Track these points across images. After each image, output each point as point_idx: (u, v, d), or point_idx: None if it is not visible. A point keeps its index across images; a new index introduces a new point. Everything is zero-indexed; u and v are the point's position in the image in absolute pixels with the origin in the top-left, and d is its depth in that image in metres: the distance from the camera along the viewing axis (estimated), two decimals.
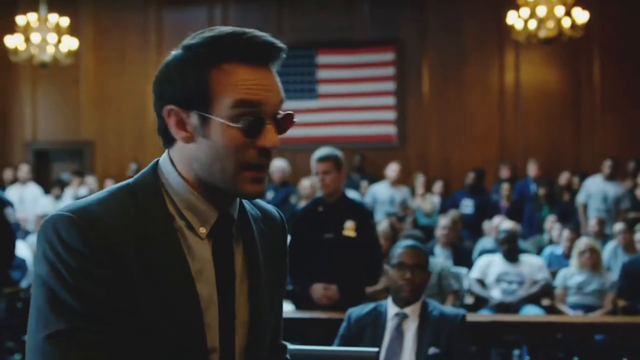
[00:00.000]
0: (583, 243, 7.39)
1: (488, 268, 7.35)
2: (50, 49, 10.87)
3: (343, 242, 5.19)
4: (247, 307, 1.69)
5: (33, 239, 8.50)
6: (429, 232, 8.99)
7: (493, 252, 7.82)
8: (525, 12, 9.93)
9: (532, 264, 7.35)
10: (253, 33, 1.58)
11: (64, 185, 11.99)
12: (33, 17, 10.86)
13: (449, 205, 10.79)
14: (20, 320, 6.85)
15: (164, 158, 1.67)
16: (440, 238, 8.10)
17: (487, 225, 9.53)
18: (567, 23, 9.78)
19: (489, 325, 5.29)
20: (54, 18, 10.93)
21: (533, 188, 11.12)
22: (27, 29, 10.80)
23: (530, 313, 6.87)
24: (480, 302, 7.29)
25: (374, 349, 2.82)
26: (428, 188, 11.70)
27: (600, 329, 5.71)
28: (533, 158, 11.58)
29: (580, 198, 10.23)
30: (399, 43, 12.72)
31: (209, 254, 1.63)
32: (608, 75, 11.93)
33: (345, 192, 5.71)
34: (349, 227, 5.19)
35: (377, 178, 11.87)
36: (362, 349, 3.13)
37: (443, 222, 8.20)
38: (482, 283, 7.32)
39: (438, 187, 11.83)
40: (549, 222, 9.45)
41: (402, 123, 12.71)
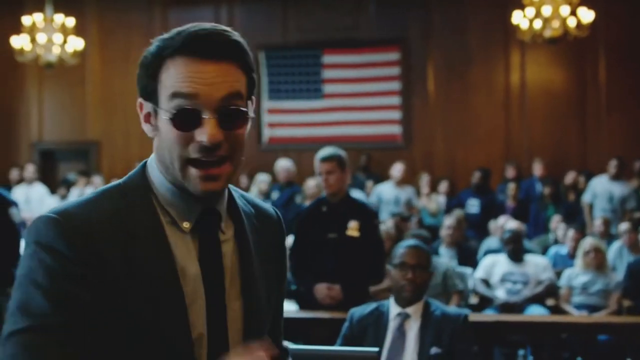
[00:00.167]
0: (588, 243, 7.38)
1: (493, 268, 7.34)
2: (56, 49, 10.89)
3: (346, 242, 5.20)
4: (240, 301, 1.69)
5: None
6: (435, 232, 8.98)
7: (498, 252, 7.81)
8: (531, 11, 9.91)
9: (536, 264, 7.34)
10: (201, 27, 1.58)
11: (70, 185, 12.02)
12: (39, 17, 10.88)
13: (455, 205, 10.78)
14: None
15: (152, 156, 1.69)
16: (445, 238, 8.11)
17: (492, 225, 9.52)
18: (572, 23, 9.76)
19: (493, 325, 5.28)
20: (60, 18, 10.96)
21: (539, 188, 11.10)
22: (33, 30, 10.83)
23: (535, 313, 6.86)
24: (485, 302, 7.27)
25: (375, 349, 2.82)
26: (433, 188, 11.69)
27: (605, 329, 5.70)
28: (538, 158, 11.56)
29: (586, 198, 10.21)
30: (405, 43, 12.71)
31: (195, 249, 1.63)
32: (614, 75, 11.90)
33: (350, 192, 5.72)
34: (353, 227, 5.20)
35: (382, 178, 11.86)
36: (363, 349, 3.13)
37: (448, 222, 8.20)
38: (486, 283, 7.31)
39: (443, 186, 11.81)
40: (554, 222, 9.44)
41: (407, 123, 12.69)
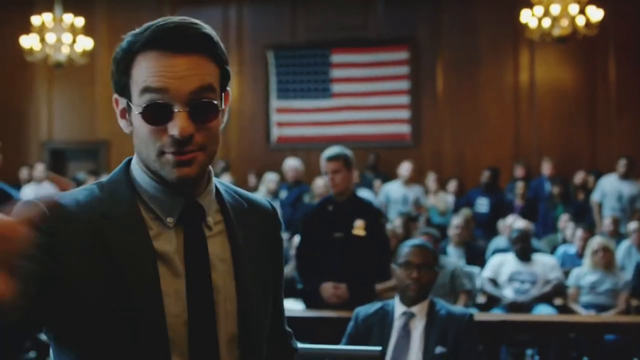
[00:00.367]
0: (596, 242, 7.35)
1: (501, 267, 7.33)
2: (65, 49, 10.94)
3: (352, 241, 5.20)
4: (234, 295, 1.69)
5: None
6: (443, 231, 8.98)
7: (506, 251, 7.79)
8: (539, 10, 9.88)
9: (544, 264, 7.32)
10: (170, 20, 1.60)
11: (80, 185, 12.04)
12: (48, 17, 10.93)
13: (463, 204, 10.76)
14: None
15: (135, 157, 1.70)
16: (453, 237, 8.10)
17: (501, 224, 9.51)
18: (581, 21, 9.73)
19: (499, 325, 5.27)
20: (69, 18, 11.00)
21: (547, 187, 11.08)
22: (42, 29, 10.87)
23: (543, 312, 6.84)
24: (493, 301, 7.26)
25: (378, 348, 2.82)
26: (442, 187, 11.67)
27: (613, 329, 5.67)
28: (548, 157, 11.54)
29: (595, 197, 10.19)
30: (413, 42, 12.70)
31: (179, 244, 1.64)
32: (623, 74, 11.86)
33: (357, 191, 5.72)
34: (359, 226, 5.20)
35: (391, 177, 11.86)
36: (366, 348, 3.13)
37: (456, 221, 8.20)
38: (494, 282, 7.29)
39: (452, 186, 11.79)
40: (563, 221, 9.42)
41: (416, 122, 12.68)
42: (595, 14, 9.84)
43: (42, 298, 1.44)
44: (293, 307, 5.97)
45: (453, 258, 7.55)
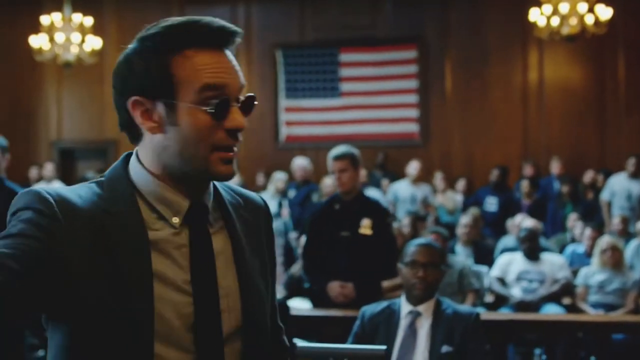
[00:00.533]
0: (605, 241, 7.32)
1: (509, 266, 7.31)
2: (74, 49, 10.97)
3: (359, 240, 5.20)
4: (238, 291, 1.70)
5: None
6: (452, 230, 8.97)
7: (514, 250, 7.77)
8: (548, 9, 9.86)
9: (553, 263, 7.30)
10: (208, 19, 1.62)
11: None
12: (57, 17, 10.96)
13: (472, 203, 10.75)
14: (41, 316, 6.88)
15: (133, 157, 1.69)
16: (462, 236, 8.10)
17: (509, 223, 9.49)
18: (590, 20, 9.70)
19: (507, 324, 5.26)
20: (78, 18, 11.03)
21: (556, 186, 11.05)
22: (51, 29, 10.90)
23: (551, 312, 6.82)
24: (501, 300, 7.25)
25: (383, 347, 2.82)
26: (451, 186, 11.66)
27: (621, 328, 5.66)
28: (556, 156, 11.51)
29: (604, 196, 10.16)
30: (422, 41, 12.69)
31: (185, 243, 1.64)
32: (632, 73, 11.81)
33: (364, 190, 5.72)
34: (365, 225, 5.20)
35: (399, 176, 11.85)
36: (371, 347, 3.13)
37: (464, 220, 8.19)
38: (502, 281, 7.28)
39: (461, 185, 11.79)
40: (571, 220, 9.39)
41: (424, 121, 12.67)
42: (604, 13, 9.81)
43: (37, 278, 1.46)
44: (300, 306, 5.97)
45: (461, 257, 7.54)
